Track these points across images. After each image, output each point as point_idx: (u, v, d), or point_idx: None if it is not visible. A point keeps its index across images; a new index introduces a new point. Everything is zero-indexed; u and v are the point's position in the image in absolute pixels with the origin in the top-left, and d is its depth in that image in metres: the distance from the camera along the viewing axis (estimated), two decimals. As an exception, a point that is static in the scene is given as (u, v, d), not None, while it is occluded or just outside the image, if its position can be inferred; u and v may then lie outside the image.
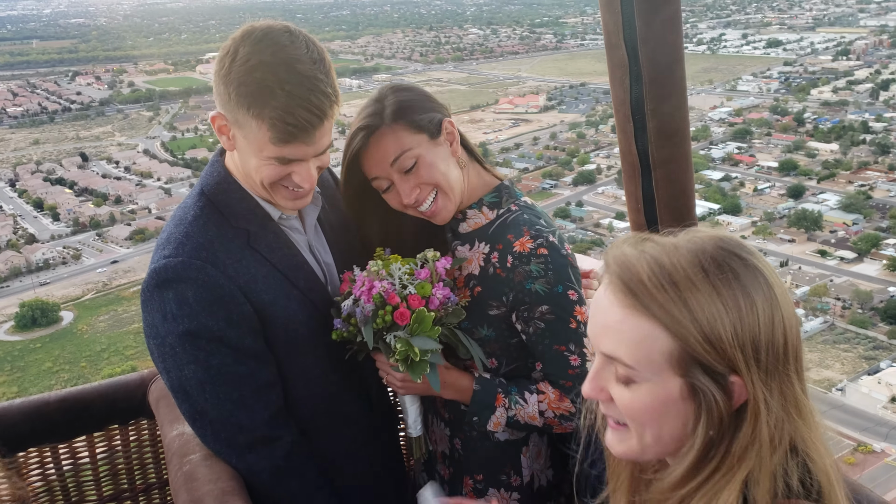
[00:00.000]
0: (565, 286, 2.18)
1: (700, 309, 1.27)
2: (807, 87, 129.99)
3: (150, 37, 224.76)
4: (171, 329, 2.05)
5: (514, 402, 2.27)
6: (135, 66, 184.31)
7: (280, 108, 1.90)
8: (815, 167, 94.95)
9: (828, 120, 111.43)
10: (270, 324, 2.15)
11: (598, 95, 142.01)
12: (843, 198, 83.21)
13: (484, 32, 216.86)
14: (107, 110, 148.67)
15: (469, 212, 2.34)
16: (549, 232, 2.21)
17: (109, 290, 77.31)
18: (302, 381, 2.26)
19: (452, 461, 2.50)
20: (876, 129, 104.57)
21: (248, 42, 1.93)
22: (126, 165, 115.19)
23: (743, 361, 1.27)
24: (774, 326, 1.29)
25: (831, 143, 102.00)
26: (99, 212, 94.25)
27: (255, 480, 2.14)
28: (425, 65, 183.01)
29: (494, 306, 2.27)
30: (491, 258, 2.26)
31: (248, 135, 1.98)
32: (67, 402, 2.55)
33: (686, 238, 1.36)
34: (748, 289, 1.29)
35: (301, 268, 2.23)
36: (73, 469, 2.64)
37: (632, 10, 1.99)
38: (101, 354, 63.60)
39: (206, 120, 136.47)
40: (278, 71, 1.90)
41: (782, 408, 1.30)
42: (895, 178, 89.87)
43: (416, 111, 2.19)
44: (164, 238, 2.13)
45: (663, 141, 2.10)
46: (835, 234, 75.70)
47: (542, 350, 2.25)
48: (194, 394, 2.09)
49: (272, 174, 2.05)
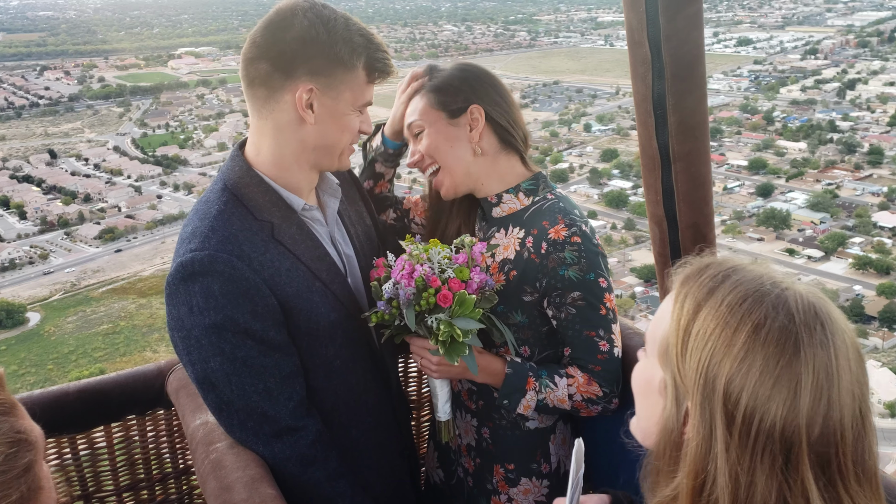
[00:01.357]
0: (597, 273, 2.25)
1: (703, 329, 1.23)
2: (776, 85, 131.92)
3: (121, 31, 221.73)
4: (198, 322, 2.07)
5: (545, 386, 2.32)
6: (105, 61, 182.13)
7: (373, 50, 2.17)
8: (783, 166, 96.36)
9: (796, 119, 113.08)
10: (293, 316, 2.18)
11: (571, 94, 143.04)
12: (810, 196, 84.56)
13: (458, 29, 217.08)
14: (76, 106, 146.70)
15: (505, 196, 2.42)
16: (581, 221, 2.28)
17: (78, 291, 76.40)
18: (323, 372, 2.29)
19: (480, 451, 2.55)
20: (843, 129, 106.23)
21: (309, 13, 2.12)
22: (96, 163, 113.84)
23: (700, 398, 1.20)
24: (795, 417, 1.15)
25: (800, 142, 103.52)
26: (67, 210, 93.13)
27: (281, 468, 2.17)
28: (400, 61, 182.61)
29: (528, 292, 2.32)
30: (526, 242, 2.32)
31: (347, 88, 2.17)
32: (86, 393, 2.55)
33: (783, 286, 1.24)
34: (791, 369, 1.15)
35: (323, 259, 2.26)
36: (91, 459, 2.65)
37: (656, 8, 2.04)
38: (69, 357, 62.77)
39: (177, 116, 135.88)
40: (351, 26, 2.16)
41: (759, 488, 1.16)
42: (861, 176, 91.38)
43: (444, 92, 2.41)
44: (188, 232, 2.15)
45: (684, 135, 2.15)
46: (802, 232, 76.86)
47: (573, 335, 2.31)
48: (220, 385, 2.11)
49: (355, 129, 2.26)
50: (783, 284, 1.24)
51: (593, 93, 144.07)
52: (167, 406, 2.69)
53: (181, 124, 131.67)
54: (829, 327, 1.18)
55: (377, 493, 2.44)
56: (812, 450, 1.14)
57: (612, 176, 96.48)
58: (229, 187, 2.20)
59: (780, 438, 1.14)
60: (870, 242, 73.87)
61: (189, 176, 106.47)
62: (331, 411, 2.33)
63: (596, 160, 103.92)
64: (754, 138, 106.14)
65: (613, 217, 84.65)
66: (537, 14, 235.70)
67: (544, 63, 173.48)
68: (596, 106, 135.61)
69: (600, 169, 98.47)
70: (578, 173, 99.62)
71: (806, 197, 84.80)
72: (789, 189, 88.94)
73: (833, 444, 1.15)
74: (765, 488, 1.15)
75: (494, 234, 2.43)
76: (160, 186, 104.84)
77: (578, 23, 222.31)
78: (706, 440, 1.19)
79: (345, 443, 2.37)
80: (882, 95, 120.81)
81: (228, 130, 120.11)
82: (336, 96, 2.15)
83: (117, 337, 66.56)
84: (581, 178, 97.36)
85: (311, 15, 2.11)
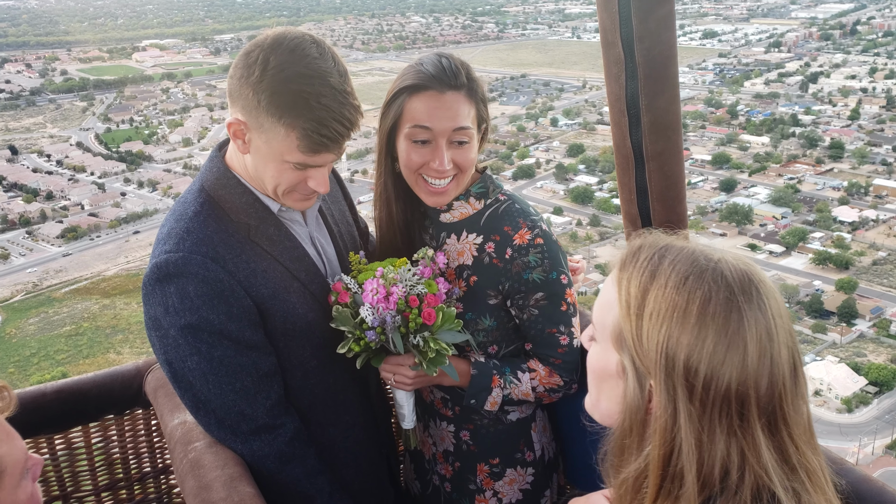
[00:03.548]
0: (558, 272, 2.32)
1: (657, 306, 1.31)
2: (740, 79, 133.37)
3: (85, 21, 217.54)
4: (174, 322, 2.09)
5: (509, 382, 2.39)
6: (68, 53, 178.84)
7: (315, 121, 1.98)
8: (746, 160, 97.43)
9: (759, 112, 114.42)
10: (269, 316, 2.20)
11: (539, 87, 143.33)
12: (772, 191, 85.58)
13: (426, 20, 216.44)
14: (38, 100, 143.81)
15: (455, 203, 2.42)
16: (539, 220, 2.34)
17: (40, 292, 75.13)
18: (300, 371, 2.31)
19: (459, 455, 2.59)
20: (805, 122, 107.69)
21: (279, 51, 1.98)
22: (58, 159, 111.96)
23: (664, 376, 1.28)
24: (746, 377, 1.27)
25: (763, 136, 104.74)
26: (29, 208, 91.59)
27: (259, 466, 2.19)
28: (367, 53, 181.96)
29: (492, 295, 2.37)
30: (486, 248, 2.35)
31: (273, 140, 2.03)
32: (64, 393, 2.55)
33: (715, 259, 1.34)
34: (739, 335, 1.27)
35: (302, 259, 2.28)
36: (69, 459, 2.65)
37: (629, 9, 2.07)
38: (31, 360, 61.72)
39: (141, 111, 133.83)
40: (314, 83, 1.97)
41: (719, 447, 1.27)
42: (822, 171, 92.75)
43: (483, 103, 2.33)
44: (164, 233, 2.16)
45: (657, 135, 2.19)
46: (764, 227, 77.79)
47: (535, 333, 2.38)
48: (197, 384, 2.13)
49: (290, 179, 2.11)
50: (714, 257, 1.34)
51: (560, 86, 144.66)
52: (145, 406, 2.70)
53: (146, 119, 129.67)
54: (762, 291, 1.31)
55: (355, 491, 2.47)
56: (759, 403, 1.26)
57: (578, 171, 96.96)
58: (206, 188, 2.21)
59: (735, 399, 1.25)
60: (830, 237, 75.07)
61: (153, 172, 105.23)
62: (308, 410, 2.35)
63: (562, 155, 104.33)
64: (718, 132, 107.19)
65: (579, 213, 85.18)
66: (505, 5, 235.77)
67: (512, 56, 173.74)
68: (563, 99, 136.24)
69: (566, 164, 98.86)
70: (545, 168, 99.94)
71: (768, 192, 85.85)
72: (752, 184, 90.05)
73: (777, 395, 1.28)
74: (724, 447, 1.26)
75: (445, 239, 2.45)
76: (124, 183, 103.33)
77: (546, 14, 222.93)
78: (671, 414, 1.28)
79: (323, 441, 2.39)
80: (843, 89, 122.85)
81: (193, 125, 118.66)
82: (267, 140, 2.05)
83: (80, 339, 65.58)
84: (547, 174, 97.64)
85: (281, 54, 1.98)
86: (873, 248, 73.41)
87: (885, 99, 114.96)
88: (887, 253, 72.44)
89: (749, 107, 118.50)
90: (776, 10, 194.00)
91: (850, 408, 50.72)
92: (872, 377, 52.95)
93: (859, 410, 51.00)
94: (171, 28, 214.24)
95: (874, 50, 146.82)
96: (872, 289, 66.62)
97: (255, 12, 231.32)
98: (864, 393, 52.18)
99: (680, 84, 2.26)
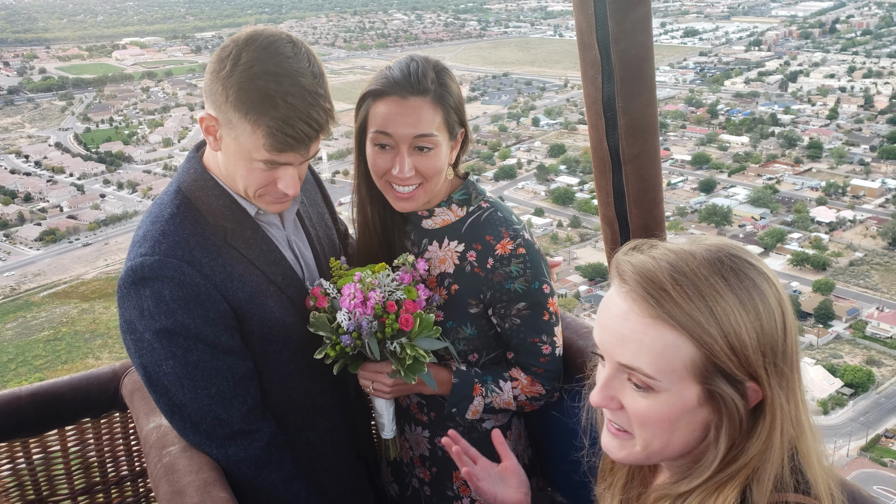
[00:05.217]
0: (540, 281, 2.31)
1: (725, 317, 1.31)
2: (721, 77, 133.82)
3: (64, 18, 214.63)
4: (149, 326, 2.08)
5: (490, 391, 2.38)
6: (47, 51, 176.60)
7: (280, 119, 1.96)
8: (726, 160, 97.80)
9: (739, 112, 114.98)
10: (246, 321, 2.19)
11: (521, 86, 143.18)
12: (751, 192, 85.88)
13: (409, 18, 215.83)
14: (16, 99, 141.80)
15: (437, 209, 2.41)
16: (522, 229, 2.33)
17: (18, 295, 74.18)
18: (277, 376, 2.30)
19: (435, 461, 2.58)
20: (784, 122, 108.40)
21: (252, 48, 1.97)
22: (36, 160, 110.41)
23: (763, 367, 1.33)
24: (787, 331, 1.35)
25: (742, 136, 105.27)
26: (6, 210, 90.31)
27: (235, 471, 2.18)
28: (349, 51, 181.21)
29: (473, 304, 2.36)
30: (467, 256, 2.34)
31: (240, 137, 2.02)
32: (39, 397, 2.54)
33: (698, 246, 1.39)
34: (765, 296, 1.34)
35: (279, 263, 2.27)
36: (45, 463, 2.63)
37: (604, 10, 2.08)
38: (8, 365, 60.80)
39: (121, 110, 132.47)
40: (282, 81, 1.95)
41: (793, 410, 1.36)
42: (800, 171, 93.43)
43: (454, 110, 2.27)
44: (140, 235, 2.15)
45: (633, 137, 2.20)
46: (743, 228, 78.09)
47: (518, 343, 2.38)
48: (172, 388, 2.12)
49: (259, 179, 2.09)
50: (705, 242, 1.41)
51: (542, 85, 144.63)
52: (122, 409, 2.68)
53: (125, 118, 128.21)
54: (755, 263, 1.38)
55: (333, 496, 2.46)
56: (779, 350, 1.35)
57: (560, 172, 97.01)
58: (183, 190, 2.20)
59: (770, 353, 1.34)
60: (807, 238, 75.47)
61: (133, 174, 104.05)
62: (285, 414, 2.34)
63: (544, 155, 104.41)
64: (699, 132, 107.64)
65: (560, 214, 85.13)
66: (487, 2, 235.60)
67: (494, 54, 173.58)
68: (545, 99, 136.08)
69: (548, 165, 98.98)
70: (526, 169, 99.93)
71: (747, 192, 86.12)
72: (731, 184, 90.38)
73: (781, 339, 1.36)
74: (777, 397, 1.35)
75: (427, 246, 2.43)
76: (104, 185, 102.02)
77: (528, 12, 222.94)
78: (777, 394, 1.35)
79: (300, 445, 2.39)
80: (822, 88, 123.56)
81: (174, 125, 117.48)
82: (236, 137, 2.03)
83: (59, 344, 64.71)
84: (528, 175, 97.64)
85: (253, 51, 1.97)
86: (850, 248, 73.85)
87: (863, 98, 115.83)
88: (864, 254, 72.91)
89: (729, 106, 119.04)
90: (757, 7, 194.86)
91: (825, 410, 50.97)
92: (848, 379, 53.26)
93: (835, 412, 51.24)
94: (151, 25, 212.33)
95: (853, 48, 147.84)
96: (849, 290, 67.02)
97: (236, 9, 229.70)
98: (839, 395, 52.50)
99: (661, 83, 2.26)
